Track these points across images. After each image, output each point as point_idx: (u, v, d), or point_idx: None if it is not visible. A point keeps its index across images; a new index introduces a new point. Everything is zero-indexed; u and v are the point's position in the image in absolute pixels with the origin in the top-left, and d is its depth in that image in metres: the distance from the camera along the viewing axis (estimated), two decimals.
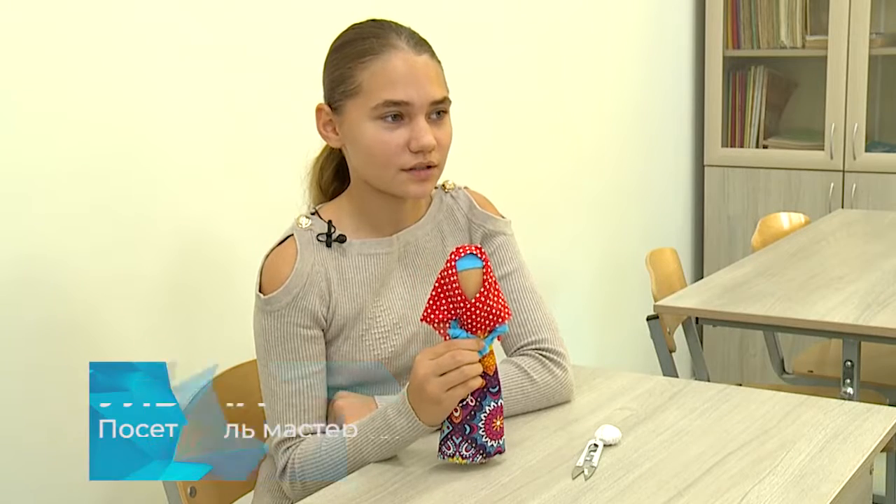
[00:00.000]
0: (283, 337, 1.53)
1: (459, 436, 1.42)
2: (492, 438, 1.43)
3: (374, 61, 1.50)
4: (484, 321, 1.40)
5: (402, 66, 1.50)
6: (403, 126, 1.51)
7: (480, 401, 1.42)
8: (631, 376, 1.79)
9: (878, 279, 2.46)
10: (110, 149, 1.85)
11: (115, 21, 1.84)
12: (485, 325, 1.41)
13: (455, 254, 1.40)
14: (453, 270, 1.39)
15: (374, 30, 1.53)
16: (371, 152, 1.52)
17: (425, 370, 1.40)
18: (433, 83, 1.52)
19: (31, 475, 1.76)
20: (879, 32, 3.83)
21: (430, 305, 1.41)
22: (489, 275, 1.41)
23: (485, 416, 1.42)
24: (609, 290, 3.60)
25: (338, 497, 1.39)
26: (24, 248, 1.73)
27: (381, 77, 1.49)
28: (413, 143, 1.51)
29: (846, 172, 3.82)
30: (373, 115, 1.50)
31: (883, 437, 1.50)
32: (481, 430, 1.42)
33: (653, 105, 3.81)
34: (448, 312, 1.40)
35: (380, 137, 1.51)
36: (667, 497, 1.34)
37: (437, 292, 1.41)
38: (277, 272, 1.54)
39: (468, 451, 1.42)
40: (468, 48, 2.80)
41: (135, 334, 1.92)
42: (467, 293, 1.39)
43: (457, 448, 1.43)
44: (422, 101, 1.50)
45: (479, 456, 1.43)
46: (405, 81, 1.49)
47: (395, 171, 1.52)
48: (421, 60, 1.52)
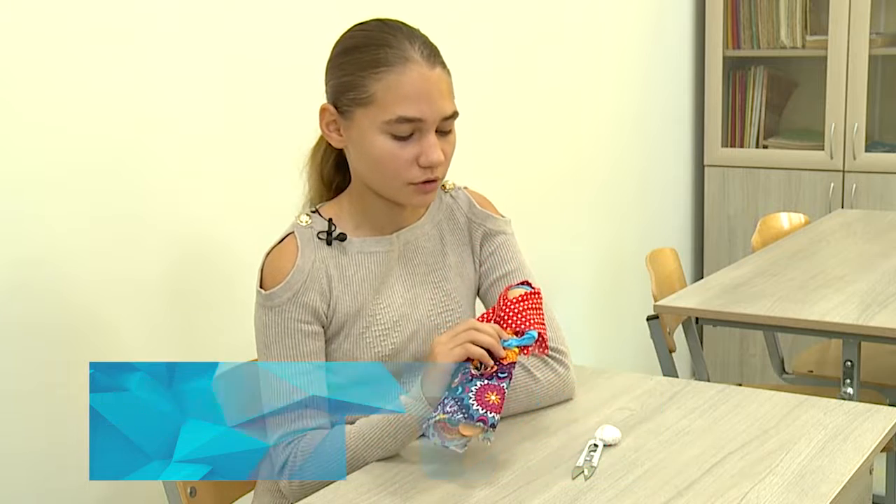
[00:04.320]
0: (284, 332, 1.53)
1: (450, 398, 1.41)
2: (479, 405, 1.39)
3: (388, 74, 1.48)
4: (515, 318, 1.48)
5: (418, 82, 1.48)
6: (413, 141, 1.51)
7: (482, 374, 1.42)
8: (631, 376, 1.79)
9: (878, 279, 2.46)
10: (110, 150, 1.85)
11: (115, 23, 1.84)
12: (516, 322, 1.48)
13: (506, 289, 1.54)
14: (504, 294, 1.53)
15: (386, 37, 1.51)
16: (379, 164, 1.52)
17: (440, 338, 1.47)
18: (445, 98, 1.52)
19: (31, 476, 1.76)
20: (879, 32, 3.83)
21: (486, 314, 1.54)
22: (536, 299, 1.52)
23: (481, 384, 1.41)
24: (609, 290, 3.60)
25: (338, 497, 1.39)
26: (23, 250, 1.73)
27: (395, 92, 1.48)
28: (423, 159, 1.50)
29: (846, 172, 3.82)
30: (384, 129, 1.50)
31: (883, 437, 1.50)
32: (472, 394, 1.40)
33: (653, 105, 3.81)
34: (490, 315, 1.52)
35: (390, 151, 1.50)
36: (667, 497, 1.34)
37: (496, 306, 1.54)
38: (278, 268, 1.54)
39: (451, 409, 1.39)
40: (468, 48, 2.80)
41: (135, 335, 1.92)
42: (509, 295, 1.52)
43: (442, 407, 1.40)
44: (434, 117, 1.50)
45: (459, 414, 1.38)
46: (419, 98, 1.48)
47: (402, 184, 1.53)
48: (435, 75, 1.50)
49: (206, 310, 2.06)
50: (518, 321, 1.48)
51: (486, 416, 1.38)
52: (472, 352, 1.43)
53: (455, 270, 1.67)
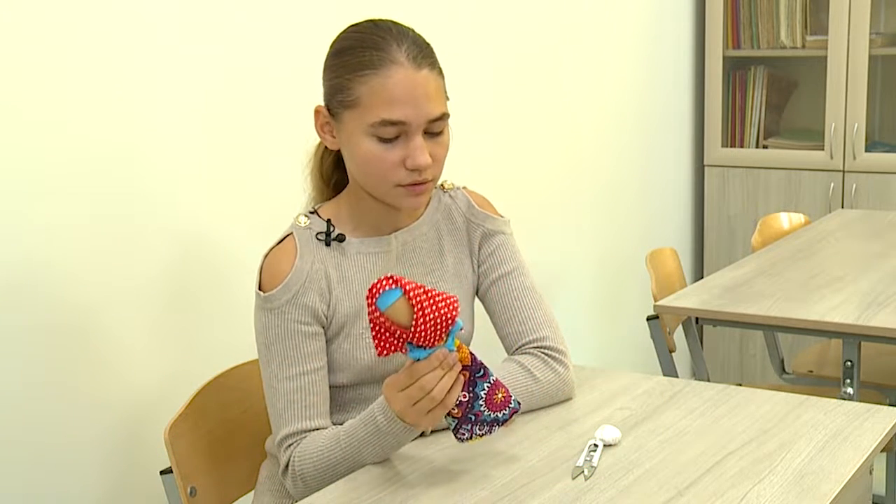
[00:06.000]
0: (284, 334, 1.53)
1: (468, 423, 1.43)
2: (500, 410, 1.43)
3: (372, 77, 1.48)
4: (434, 333, 1.34)
5: (401, 84, 1.47)
6: (400, 143, 1.50)
7: (473, 388, 1.42)
8: (631, 376, 1.79)
9: (878, 279, 2.46)
10: (109, 151, 1.85)
11: (113, 25, 1.84)
12: (437, 335, 1.35)
13: (369, 296, 1.32)
14: (378, 313, 1.32)
15: (374, 38, 1.50)
16: (366, 166, 1.52)
17: (398, 406, 1.39)
18: (432, 100, 1.50)
19: (31, 476, 1.76)
20: (879, 32, 3.83)
21: (379, 343, 1.34)
22: (415, 290, 1.32)
23: (483, 400, 1.42)
24: (609, 290, 3.60)
25: (338, 497, 1.39)
26: (23, 251, 1.73)
27: (379, 95, 1.47)
28: (409, 162, 1.50)
29: (846, 172, 3.82)
30: (369, 132, 1.49)
31: (883, 437, 1.50)
32: (486, 411, 1.42)
33: (653, 105, 3.81)
34: (398, 342, 1.35)
35: (375, 153, 1.50)
36: (667, 497, 1.34)
37: (376, 332, 1.34)
38: (277, 270, 1.54)
39: (482, 429, 1.43)
40: (467, 48, 2.80)
41: (135, 336, 1.92)
42: (403, 325, 1.32)
43: (471, 432, 1.43)
44: (419, 120, 1.49)
45: (496, 427, 1.44)
46: (403, 101, 1.47)
47: (390, 186, 1.52)
48: (420, 77, 1.49)
49: (207, 310, 2.06)
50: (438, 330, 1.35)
51: (515, 406, 1.44)
52: (449, 405, 1.38)
53: (452, 271, 1.67)
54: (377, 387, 1.59)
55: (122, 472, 1.91)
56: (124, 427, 1.90)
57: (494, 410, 1.43)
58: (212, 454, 1.69)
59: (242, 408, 1.77)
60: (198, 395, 1.69)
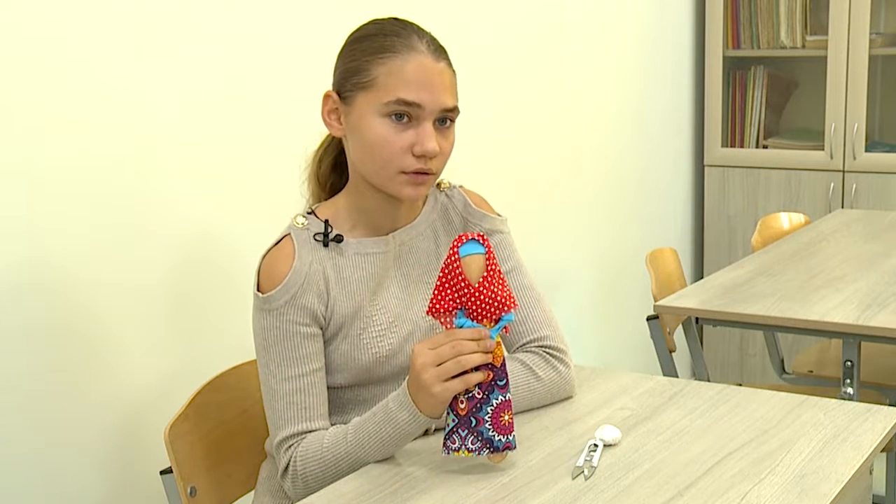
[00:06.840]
0: (283, 335, 1.53)
1: (465, 428, 1.40)
2: (500, 433, 1.40)
3: (392, 59, 1.51)
4: (489, 309, 1.38)
5: (420, 68, 1.51)
6: (410, 128, 1.51)
7: (488, 394, 1.40)
8: (631, 376, 1.79)
9: (878, 279, 2.46)
10: (110, 153, 1.85)
11: (114, 25, 1.84)
12: (490, 313, 1.38)
13: (458, 240, 1.38)
14: (456, 257, 1.38)
15: (396, 28, 1.54)
16: (374, 148, 1.52)
17: (423, 359, 1.39)
18: (446, 91, 1.53)
19: (31, 476, 1.76)
20: (879, 32, 3.83)
21: (436, 296, 1.39)
22: (493, 262, 1.38)
23: (492, 409, 1.40)
24: (609, 290, 3.60)
25: (338, 497, 1.39)
26: (24, 251, 1.73)
27: (397, 76, 1.50)
28: (417, 148, 1.51)
29: (846, 172, 3.82)
30: (382, 112, 1.51)
31: (883, 437, 1.50)
32: (488, 424, 1.40)
33: (653, 105, 3.81)
34: (453, 301, 1.38)
35: (385, 135, 1.51)
36: (667, 497, 1.34)
37: (441, 282, 1.39)
38: (275, 271, 1.54)
39: (474, 444, 1.40)
40: (468, 47, 2.80)
41: (135, 336, 1.92)
42: (471, 279, 1.37)
43: (462, 441, 1.40)
44: (433, 106, 1.51)
45: (485, 449, 1.40)
46: (420, 84, 1.50)
47: (394, 172, 1.53)
48: (438, 67, 1.53)
49: (207, 311, 2.06)
50: (493, 307, 1.39)
51: (511, 441, 1.41)
52: (470, 382, 1.39)
53: None
54: (375, 388, 1.59)
55: (122, 472, 1.91)
56: (124, 427, 1.90)
57: (494, 429, 1.40)
58: (212, 454, 1.69)
59: (242, 408, 1.77)
60: (198, 395, 1.69)
